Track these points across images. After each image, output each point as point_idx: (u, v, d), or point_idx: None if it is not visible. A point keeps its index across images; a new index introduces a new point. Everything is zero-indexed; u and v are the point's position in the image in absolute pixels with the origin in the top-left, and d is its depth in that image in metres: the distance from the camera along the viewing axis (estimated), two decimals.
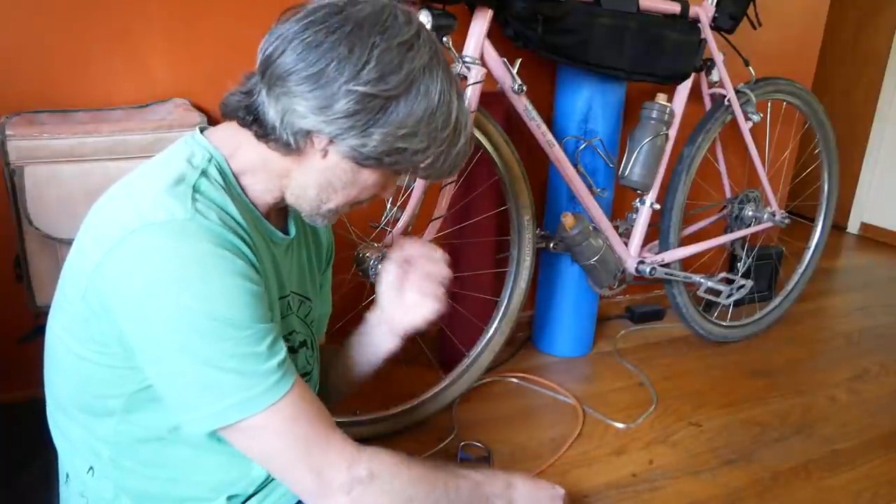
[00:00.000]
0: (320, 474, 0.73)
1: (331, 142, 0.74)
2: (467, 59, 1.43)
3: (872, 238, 3.44)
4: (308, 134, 0.74)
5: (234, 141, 0.79)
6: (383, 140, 0.72)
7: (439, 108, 0.73)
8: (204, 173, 0.74)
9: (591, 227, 1.73)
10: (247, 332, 0.69)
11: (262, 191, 0.80)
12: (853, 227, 3.54)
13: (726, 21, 1.84)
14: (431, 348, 1.95)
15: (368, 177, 0.78)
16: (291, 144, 0.74)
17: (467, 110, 0.79)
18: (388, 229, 1.47)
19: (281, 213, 0.90)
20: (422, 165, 0.77)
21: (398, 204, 1.45)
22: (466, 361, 1.67)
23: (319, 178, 0.78)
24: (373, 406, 1.16)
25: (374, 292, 1.00)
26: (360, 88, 0.69)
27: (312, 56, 0.69)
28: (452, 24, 1.36)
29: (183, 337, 0.67)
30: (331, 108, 0.70)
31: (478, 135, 1.52)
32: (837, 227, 3.51)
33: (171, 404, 0.72)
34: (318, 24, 0.70)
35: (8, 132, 1.15)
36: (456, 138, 0.77)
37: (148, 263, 0.67)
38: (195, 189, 0.72)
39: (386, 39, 0.70)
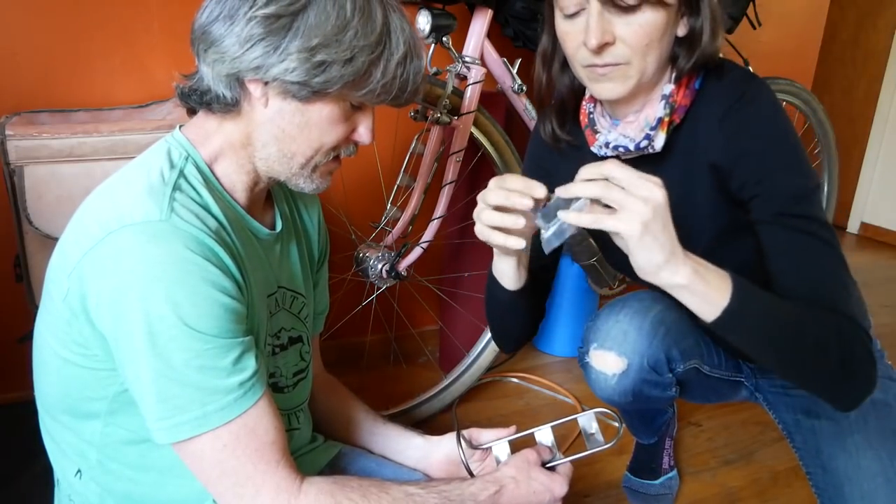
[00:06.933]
0: None
1: (265, 84, 0.73)
2: (467, 59, 1.43)
3: (872, 238, 3.44)
4: (238, 81, 0.74)
5: (202, 130, 0.79)
6: (300, 57, 0.70)
7: (356, 14, 0.71)
8: (182, 173, 0.74)
9: None
10: (211, 343, 0.68)
11: (235, 172, 0.80)
12: (853, 227, 3.54)
13: (726, 21, 1.84)
14: (431, 348, 1.95)
15: (320, 112, 0.76)
16: (229, 98, 0.74)
17: (403, 21, 0.76)
18: (388, 229, 1.47)
19: (268, 206, 0.89)
20: (362, 82, 0.74)
21: (398, 204, 1.45)
22: (466, 361, 1.67)
23: (272, 130, 0.77)
24: (373, 406, 1.16)
25: (373, 291, 1.00)
26: (260, 12, 0.70)
27: (219, 5, 0.72)
28: (452, 24, 1.36)
29: (149, 341, 0.66)
30: (244, 42, 0.71)
31: (478, 135, 1.52)
32: (837, 227, 3.51)
33: (141, 410, 0.71)
34: None
35: (8, 132, 1.15)
36: (389, 46, 0.74)
37: (121, 265, 0.67)
38: (175, 188, 0.72)
39: None
